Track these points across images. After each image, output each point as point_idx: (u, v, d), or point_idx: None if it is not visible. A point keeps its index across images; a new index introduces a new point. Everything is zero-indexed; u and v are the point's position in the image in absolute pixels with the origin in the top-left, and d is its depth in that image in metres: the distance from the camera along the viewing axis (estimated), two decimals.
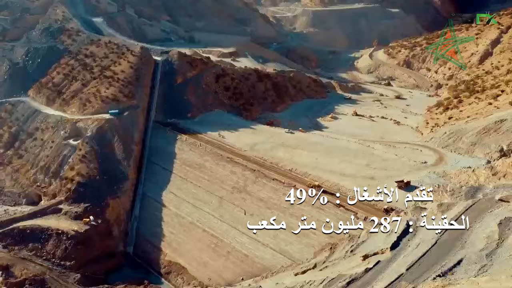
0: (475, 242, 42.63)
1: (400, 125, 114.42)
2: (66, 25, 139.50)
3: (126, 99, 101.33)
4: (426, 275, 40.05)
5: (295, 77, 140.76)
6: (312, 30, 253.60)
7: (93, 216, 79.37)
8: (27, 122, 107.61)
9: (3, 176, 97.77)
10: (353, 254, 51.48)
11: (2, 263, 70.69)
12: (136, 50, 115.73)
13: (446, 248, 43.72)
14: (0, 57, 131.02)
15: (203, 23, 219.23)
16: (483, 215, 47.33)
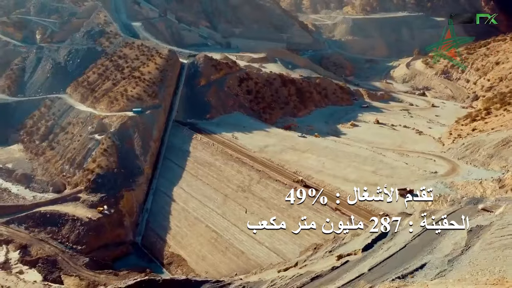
0: (443, 248, 42.25)
1: (422, 135, 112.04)
2: (106, 28, 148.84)
3: (150, 98, 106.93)
4: (386, 276, 40.26)
5: (321, 84, 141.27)
6: (350, 38, 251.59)
7: (107, 206, 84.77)
8: (62, 117, 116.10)
9: (36, 165, 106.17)
10: (331, 254, 52.20)
11: (21, 242, 77.27)
12: (164, 53, 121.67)
13: (414, 252, 43.62)
14: (46, 57, 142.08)
15: (241, 29, 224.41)
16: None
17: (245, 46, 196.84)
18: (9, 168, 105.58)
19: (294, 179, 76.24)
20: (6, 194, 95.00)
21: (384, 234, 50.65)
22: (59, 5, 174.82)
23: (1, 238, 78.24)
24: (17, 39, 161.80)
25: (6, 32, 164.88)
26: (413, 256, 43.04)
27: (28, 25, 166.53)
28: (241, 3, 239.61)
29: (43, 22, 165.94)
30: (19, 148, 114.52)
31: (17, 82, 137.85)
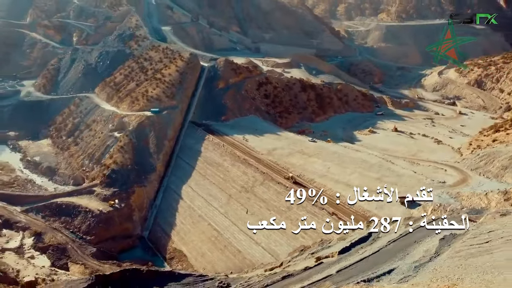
0: (415, 255, 41.87)
1: (440, 145, 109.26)
2: (136, 32, 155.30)
3: (168, 99, 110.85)
4: (353, 278, 40.48)
5: (342, 90, 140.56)
6: (383, 45, 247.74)
7: (118, 200, 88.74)
8: (88, 115, 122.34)
9: (61, 160, 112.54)
10: (312, 256, 52.57)
11: (36, 230, 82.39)
12: (185, 56, 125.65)
13: (386, 257, 43.48)
14: (79, 58, 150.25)
15: (271, 35, 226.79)
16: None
17: (274, 51, 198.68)
18: (36, 161, 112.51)
19: (285, 176, 78.77)
20: (30, 185, 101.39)
21: (364, 238, 50.69)
22: (96, 9, 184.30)
23: (19, 224, 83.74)
24: (56, 41, 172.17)
25: (46, 34, 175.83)
26: (385, 261, 42.94)
27: (67, 28, 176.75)
28: (273, 9, 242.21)
29: (80, 25, 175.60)
30: (47, 143, 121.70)
31: (52, 81, 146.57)
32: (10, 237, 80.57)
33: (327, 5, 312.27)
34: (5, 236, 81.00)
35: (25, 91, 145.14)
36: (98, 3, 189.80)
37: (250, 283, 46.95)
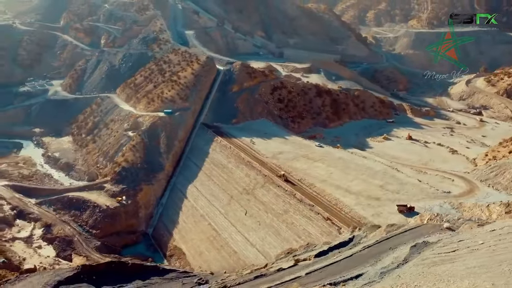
0: (385, 261, 41.34)
1: (455, 154, 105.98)
2: (160, 35, 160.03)
3: (181, 101, 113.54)
4: (320, 281, 40.56)
5: (359, 96, 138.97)
6: (411, 52, 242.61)
7: (126, 197, 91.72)
8: (107, 114, 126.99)
9: (78, 156, 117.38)
10: (294, 259, 52.68)
11: (47, 221, 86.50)
12: (202, 59, 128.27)
13: (358, 262, 43.18)
14: (104, 60, 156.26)
15: (295, 40, 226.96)
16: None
17: (297, 57, 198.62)
18: (56, 156, 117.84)
19: (277, 173, 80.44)
20: (48, 179, 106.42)
21: (344, 243, 50.44)
22: (124, 13, 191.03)
23: (31, 216, 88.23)
24: (85, 43, 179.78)
25: (77, 36, 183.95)
26: (355, 266, 42.67)
27: (96, 31, 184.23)
28: (299, 15, 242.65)
29: (109, 29, 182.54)
30: (68, 140, 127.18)
31: (78, 82, 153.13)
32: (22, 227, 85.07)
33: (356, 11, 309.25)
34: (18, 226, 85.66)
35: (53, 90, 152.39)
36: (127, 7, 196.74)
37: (225, 281, 47.73)
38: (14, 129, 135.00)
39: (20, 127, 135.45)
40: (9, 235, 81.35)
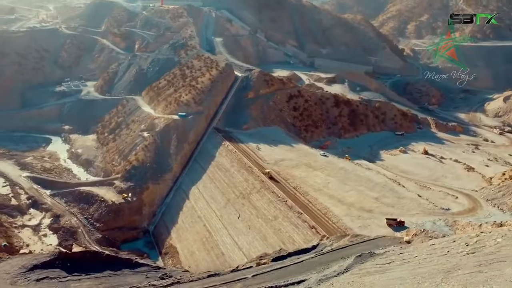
0: (331, 269, 41.09)
1: (470, 172, 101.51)
2: (189, 42, 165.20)
3: (196, 105, 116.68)
4: (263, 284, 41.10)
5: (380, 108, 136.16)
6: (449, 66, 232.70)
7: (131, 194, 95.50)
8: (130, 115, 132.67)
9: (99, 153, 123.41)
10: (261, 261, 53.10)
11: (56, 212, 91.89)
12: (221, 65, 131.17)
13: (307, 268, 43.17)
14: (135, 64, 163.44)
15: (328, 50, 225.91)
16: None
17: (328, 67, 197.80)
18: (79, 153, 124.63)
19: (263, 171, 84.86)
20: (67, 173, 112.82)
21: (306, 250, 50.32)
22: (159, 20, 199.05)
23: (44, 206, 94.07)
24: (120, 47, 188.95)
25: (114, 41, 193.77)
26: (303, 271, 42.60)
27: (132, 36, 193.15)
28: (334, 25, 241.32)
29: (143, 34, 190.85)
30: (93, 138, 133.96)
31: (109, 83, 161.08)
32: (33, 216, 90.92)
33: (397, 23, 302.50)
34: (30, 214, 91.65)
35: (86, 90, 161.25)
36: (162, 14, 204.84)
37: (182, 277, 49.10)
38: (46, 125, 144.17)
39: (52, 124, 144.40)
40: (20, 222, 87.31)
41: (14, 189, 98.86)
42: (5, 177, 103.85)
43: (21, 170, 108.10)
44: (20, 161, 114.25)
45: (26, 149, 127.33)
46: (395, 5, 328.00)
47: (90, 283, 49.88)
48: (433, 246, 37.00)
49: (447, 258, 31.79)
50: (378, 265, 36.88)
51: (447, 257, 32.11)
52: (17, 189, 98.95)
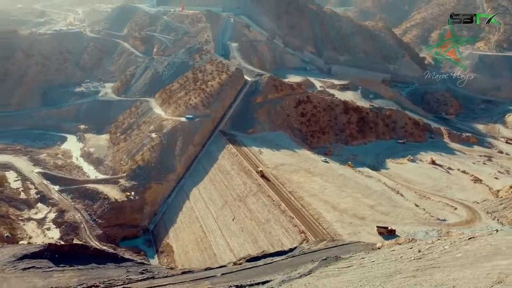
0: (297, 271, 41.38)
1: (477, 183, 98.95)
2: (204, 46, 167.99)
3: (203, 108, 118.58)
4: (231, 282, 41.93)
5: (391, 116, 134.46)
6: (472, 76, 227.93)
7: (134, 193, 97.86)
8: (142, 116, 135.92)
9: (109, 153, 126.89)
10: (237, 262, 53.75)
11: (62, 207, 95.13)
12: (231, 70, 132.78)
13: (275, 269, 43.69)
14: (151, 67, 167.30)
15: (346, 57, 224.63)
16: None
17: (345, 74, 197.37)
18: (91, 151, 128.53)
19: (256, 169, 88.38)
20: (77, 171, 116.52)
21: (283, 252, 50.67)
22: (179, 25, 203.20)
23: (51, 201, 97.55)
24: (140, 51, 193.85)
25: (134, 44, 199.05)
26: (271, 272, 43.03)
27: (151, 40, 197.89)
28: (353, 32, 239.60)
29: (162, 38, 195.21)
30: (106, 138, 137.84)
31: (126, 85, 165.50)
32: (40, 210, 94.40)
33: (420, 31, 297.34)
34: (37, 208, 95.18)
35: (104, 92, 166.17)
36: (182, 19, 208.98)
37: (160, 271, 50.30)
38: (64, 124, 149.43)
39: (69, 123, 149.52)
40: (27, 215, 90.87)
41: (25, 183, 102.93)
42: (18, 172, 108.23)
43: (34, 166, 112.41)
44: (34, 157, 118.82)
45: (42, 146, 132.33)
46: (420, 13, 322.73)
47: (72, 274, 51.61)
48: (392, 252, 36.90)
49: (396, 263, 31.84)
50: (337, 268, 37.13)
51: (397, 262, 32.15)
52: (28, 184, 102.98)
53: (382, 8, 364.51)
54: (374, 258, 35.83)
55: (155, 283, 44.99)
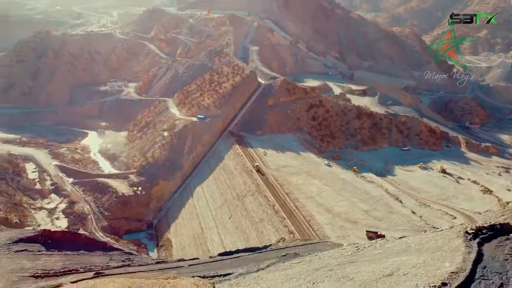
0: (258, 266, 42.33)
1: (486, 194, 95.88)
2: (224, 49, 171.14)
3: (215, 109, 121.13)
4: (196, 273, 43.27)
5: (406, 123, 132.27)
6: (503, 85, 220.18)
7: (141, 188, 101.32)
8: (158, 116, 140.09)
9: (125, 149, 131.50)
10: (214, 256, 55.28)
11: (73, 199, 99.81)
12: (246, 72, 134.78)
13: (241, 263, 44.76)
14: (172, 68, 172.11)
15: (370, 63, 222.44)
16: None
17: (367, 79, 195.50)
18: (108, 147, 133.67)
19: (253, 165, 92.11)
20: (92, 165, 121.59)
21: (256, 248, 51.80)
22: (203, 28, 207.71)
23: (64, 192, 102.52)
24: (164, 52, 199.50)
25: (159, 46, 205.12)
26: (234, 266, 44.17)
27: (176, 42, 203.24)
28: (379, 37, 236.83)
29: (186, 41, 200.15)
30: (124, 135, 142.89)
31: (147, 85, 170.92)
32: (52, 200, 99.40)
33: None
34: (50, 198, 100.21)
35: (126, 91, 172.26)
36: (207, 22, 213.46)
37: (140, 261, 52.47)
38: (86, 121, 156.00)
39: (91, 120, 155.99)
40: (39, 204, 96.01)
41: (42, 175, 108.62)
42: (37, 163, 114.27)
43: (52, 159, 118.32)
44: (54, 151, 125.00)
45: (63, 141, 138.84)
46: None
47: (59, 258, 54.31)
48: (340, 250, 37.33)
49: (330, 260, 32.63)
50: (290, 264, 38.03)
51: (332, 259, 32.93)
52: (45, 175, 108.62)
53: (414, 14, 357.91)
54: (322, 255, 36.42)
55: (129, 270, 47.01)
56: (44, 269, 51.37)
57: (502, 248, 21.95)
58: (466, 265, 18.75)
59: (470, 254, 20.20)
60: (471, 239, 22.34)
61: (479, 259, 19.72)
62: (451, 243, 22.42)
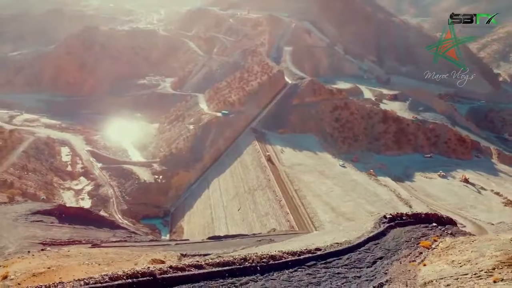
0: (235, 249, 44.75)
1: (507, 206, 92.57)
2: (258, 48, 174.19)
3: (239, 105, 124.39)
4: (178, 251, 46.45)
5: (434, 130, 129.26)
6: None
7: (162, 176, 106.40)
8: (189, 110, 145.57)
9: (155, 140, 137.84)
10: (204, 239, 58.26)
11: (99, 182, 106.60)
12: (273, 71, 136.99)
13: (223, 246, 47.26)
14: (207, 65, 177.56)
15: (408, 68, 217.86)
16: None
17: (404, 85, 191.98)
18: (139, 137, 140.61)
19: (265, 154, 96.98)
20: (122, 153, 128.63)
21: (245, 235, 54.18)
22: (241, 27, 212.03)
23: (92, 176, 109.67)
24: (202, 50, 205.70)
25: (198, 44, 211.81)
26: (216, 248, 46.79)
27: (214, 41, 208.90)
28: (420, 42, 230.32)
29: (224, 39, 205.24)
30: (155, 127, 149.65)
31: (182, 81, 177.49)
32: (80, 182, 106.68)
33: (502, 46, 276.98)
34: (79, 180, 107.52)
35: (163, 85, 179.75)
36: (245, 22, 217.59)
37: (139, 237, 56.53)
38: (123, 111, 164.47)
39: (127, 111, 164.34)
40: (68, 185, 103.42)
41: (75, 158, 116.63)
42: (71, 148, 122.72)
43: (86, 145, 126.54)
44: (88, 138, 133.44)
45: (99, 129, 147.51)
46: (505, 27, 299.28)
47: (67, 230, 59.68)
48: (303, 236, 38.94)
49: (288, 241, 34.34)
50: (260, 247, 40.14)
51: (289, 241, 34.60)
52: (77, 159, 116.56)
53: None
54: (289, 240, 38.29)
55: (125, 244, 51.12)
56: (53, 238, 56.65)
57: (413, 233, 23.13)
58: (355, 240, 20.31)
59: (371, 233, 21.67)
60: (384, 223, 23.67)
61: (375, 236, 21.16)
62: (365, 225, 23.88)
